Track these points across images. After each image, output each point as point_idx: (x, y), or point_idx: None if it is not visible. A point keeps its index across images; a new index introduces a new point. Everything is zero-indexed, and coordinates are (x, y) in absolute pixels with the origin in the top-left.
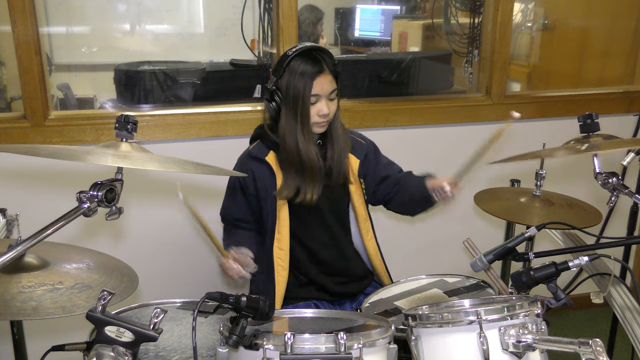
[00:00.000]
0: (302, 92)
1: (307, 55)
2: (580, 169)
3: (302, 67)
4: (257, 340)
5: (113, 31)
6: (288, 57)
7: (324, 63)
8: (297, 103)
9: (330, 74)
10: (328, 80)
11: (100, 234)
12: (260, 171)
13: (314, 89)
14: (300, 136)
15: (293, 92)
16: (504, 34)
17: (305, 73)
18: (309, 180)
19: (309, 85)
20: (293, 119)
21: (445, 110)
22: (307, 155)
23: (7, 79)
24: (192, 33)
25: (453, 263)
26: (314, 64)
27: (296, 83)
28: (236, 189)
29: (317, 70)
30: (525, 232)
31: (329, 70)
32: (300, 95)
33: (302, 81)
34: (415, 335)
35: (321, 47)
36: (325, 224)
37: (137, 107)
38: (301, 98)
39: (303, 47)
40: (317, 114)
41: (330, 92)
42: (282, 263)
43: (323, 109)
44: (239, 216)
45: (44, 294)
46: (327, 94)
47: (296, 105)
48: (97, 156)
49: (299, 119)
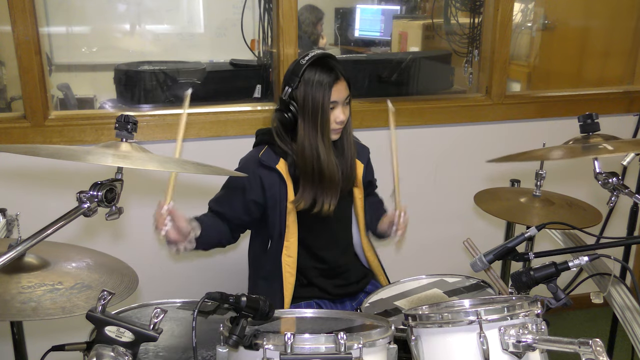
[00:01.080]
0: (321, 101)
1: (320, 64)
2: (581, 169)
3: (318, 76)
4: (257, 340)
5: (113, 31)
6: (302, 67)
7: (337, 70)
8: (317, 113)
9: (345, 81)
10: (344, 87)
11: (100, 234)
12: (270, 179)
13: (333, 96)
14: (322, 146)
15: (312, 102)
16: (504, 34)
17: (322, 82)
18: (327, 191)
19: (327, 94)
20: (313, 129)
21: (445, 110)
22: (328, 165)
23: (7, 79)
24: (192, 33)
25: (453, 263)
26: (330, 72)
27: (314, 93)
28: (236, 191)
29: (334, 78)
30: (525, 232)
31: (343, 77)
32: (319, 105)
33: (320, 90)
34: (415, 335)
35: (330, 55)
36: (331, 230)
37: (137, 107)
38: (321, 107)
39: (315, 55)
40: (335, 121)
41: (345, 98)
42: (290, 270)
43: (340, 116)
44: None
45: (43, 295)
46: (343, 101)
47: (316, 115)
48: (97, 156)
49: (319, 128)
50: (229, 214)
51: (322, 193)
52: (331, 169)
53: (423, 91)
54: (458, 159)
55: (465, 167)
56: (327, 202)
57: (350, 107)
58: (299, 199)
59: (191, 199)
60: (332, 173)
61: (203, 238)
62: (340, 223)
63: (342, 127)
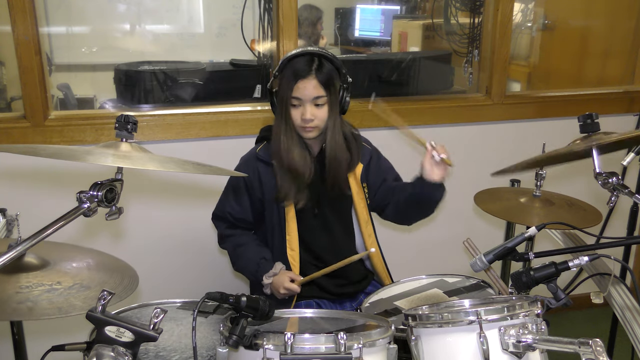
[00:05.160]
0: (284, 96)
1: (302, 60)
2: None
3: (289, 70)
4: (257, 340)
5: (113, 31)
6: (286, 59)
7: (314, 68)
8: (282, 103)
9: (315, 79)
10: (312, 85)
11: (100, 234)
12: (267, 174)
13: (295, 91)
14: (284, 137)
15: (280, 92)
16: (504, 34)
17: (290, 75)
18: (295, 185)
19: (290, 87)
20: (281, 122)
21: (445, 110)
22: (288, 156)
23: (7, 79)
24: (192, 33)
25: (453, 263)
26: (303, 68)
27: (282, 85)
28: (240, 189)
29: (303, 74)
30: (525, 232)
31: (315, 76)
32: (282, 98)
33: (286, 82)
34: (415, 335)
35: (325, 54)
36: (329, 229)
37: (137, 107)
38: (284, 101)
39: (302, 50)
40: (300, 117)
41: (314, 98)
42: (294, 262)
43: (304, 114)
44: (241, 216)
45: (40, 295)
46: (309, 99)
47: (281, 106)
48: (97, 156)
49: (284, 122)
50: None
51: (292, 188)
52: (292, 160)
53: (423, 91)
54: (458, 159)
55: (465, 167)
56: (295, 197)
57: (326, 110)
58: (277, 191)
59: (191, 199)
60: (294, 165)
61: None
62: (340, 223)
63: (314, 127)
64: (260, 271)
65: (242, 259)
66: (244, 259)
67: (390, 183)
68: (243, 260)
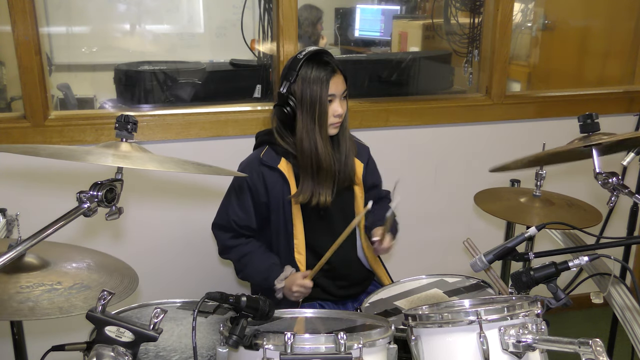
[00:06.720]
0: (319, 94)
1: (317, 58)
2: (580, 169)
3: (315, 70)
4: (257, 340)
5: (113, 31)
6: (299, 61)
7: (334, 64)
8: (315, 105)
9: (341, 75)
10: (341, 80)
11: (100, 234)
12: (272, 179)
13: (330, 89)
14: (319, 139)
15: (310, 94)
16: (504, 34)
17: (320, 75)
18: (323, 182)
19: (325, 87)
20: (311, 122)
21: (445, 110)
22: (325, 158)
23: (7, 79)
24: (192, 33)
25: (453, 263)
26: (326, 66)
27: (312, 85)
28: (244, 194)
29: (330, 71)
30: (525, 232)
31: (339, 71)
32: (317, 98)
33: (318, 83)
34: (415, 335)
35: (326, 50)
36: (334, 230)
37: (137, 107)
38: (319, 100)
39: (313, 50)
40: (333, 114)
41: (343, 92)
42: (301, 267)
43: (338, 109)
44: (246, 223)
45: (41, 294)
46: (340, 94)
47: (314, 108)
48: (97, 156)
49: (317, 121)
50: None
51: (319, 185)
52: (328, 162)
53: (423, 91)
54: (458, 159)
55: (465, 167)
56: (323, 194)
57: (347, 103)
58: (298, 192)
59: (191, 199)
60: (328, 166)
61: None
62: (343, 223)
63: (340, 121)
64: (272, 277)
65: (249, 267)
66: (251, 267)
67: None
68: (250, 268)
